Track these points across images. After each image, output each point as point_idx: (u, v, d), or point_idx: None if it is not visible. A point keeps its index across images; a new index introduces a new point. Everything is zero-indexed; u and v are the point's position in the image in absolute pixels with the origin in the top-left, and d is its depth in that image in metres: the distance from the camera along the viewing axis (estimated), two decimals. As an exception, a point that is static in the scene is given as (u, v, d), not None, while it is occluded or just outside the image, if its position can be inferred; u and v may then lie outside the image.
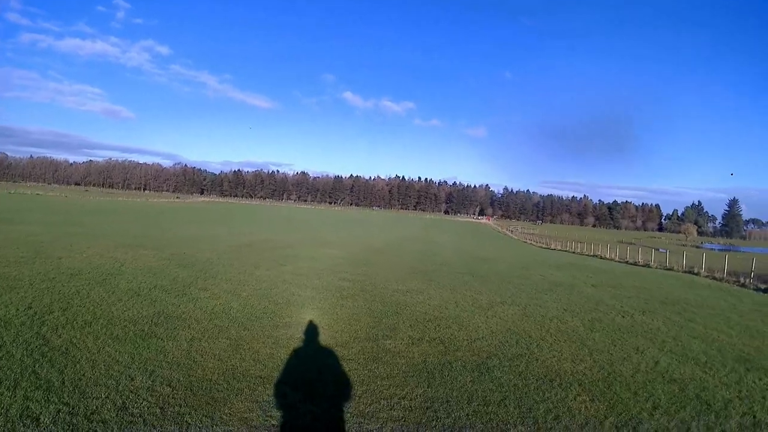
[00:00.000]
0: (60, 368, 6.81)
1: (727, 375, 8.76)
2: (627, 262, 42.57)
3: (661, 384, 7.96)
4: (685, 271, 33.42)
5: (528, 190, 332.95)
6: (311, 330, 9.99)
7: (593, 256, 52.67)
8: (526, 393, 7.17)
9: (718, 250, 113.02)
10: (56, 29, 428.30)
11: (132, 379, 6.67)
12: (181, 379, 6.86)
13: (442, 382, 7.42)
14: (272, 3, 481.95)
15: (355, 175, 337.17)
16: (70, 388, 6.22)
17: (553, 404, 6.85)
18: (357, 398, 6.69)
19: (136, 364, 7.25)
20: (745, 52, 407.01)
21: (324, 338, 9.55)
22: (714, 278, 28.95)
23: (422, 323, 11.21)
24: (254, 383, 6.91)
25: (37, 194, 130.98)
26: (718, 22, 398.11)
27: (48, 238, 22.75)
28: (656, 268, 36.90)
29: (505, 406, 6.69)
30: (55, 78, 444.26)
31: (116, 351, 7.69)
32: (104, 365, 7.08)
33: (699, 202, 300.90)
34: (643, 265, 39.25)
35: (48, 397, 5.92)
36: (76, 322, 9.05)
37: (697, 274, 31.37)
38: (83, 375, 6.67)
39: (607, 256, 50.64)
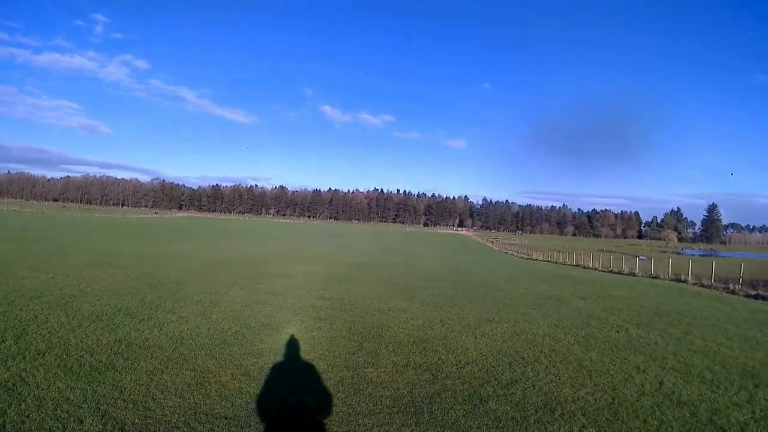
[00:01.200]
0: (2, 408, 6.08)
1: (737, 393, 8.17)
2: (611, 272, 42.16)
3: (670, 408, 7.32)
4: (672, 279, 32.97)
5: (507, 201, 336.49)
6: (285, 358, 9.27)
7: (576, 266, 52.38)
8: (526, 428, 6.45)
9: (699, 255, 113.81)
10: (34, 44, 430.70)
11: (81, 422, 5.90)
12: (137, 421, 6.08)
13: (431, 418, 6.66)
14: (251, 18, 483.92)
15: (333, 188, 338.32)
16: (10, 434, 5.45)
17: (558, 441, 6.13)
18: (336, 443, 5.92)
19: (88, 402, 6.48)
20: (722, 61, 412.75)
21: (299, 367, 8.85)
22: (702, 285, 28.54)
23: (407, 346, 10.49)
24: (219, 426, 6.12)
25: (14, 210, 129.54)
26: (695, 30, 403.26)
27: (15, 257, 22.06)
28: (642, 276, 36.47)
29: (504, 445, 5.97)
30: (32, 93, 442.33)
31: (68, 387, 6.94)
32: (52, 404, 6.33)
33: (678, 208, 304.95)
34: (628, 274, 38.91)
35: (-17, 445, 5.19)
36: (29, 352, 8.31)
37: (685, 281, 30.94)
38: (27, 416, 5.94)
39: (591, 266, 50.31)
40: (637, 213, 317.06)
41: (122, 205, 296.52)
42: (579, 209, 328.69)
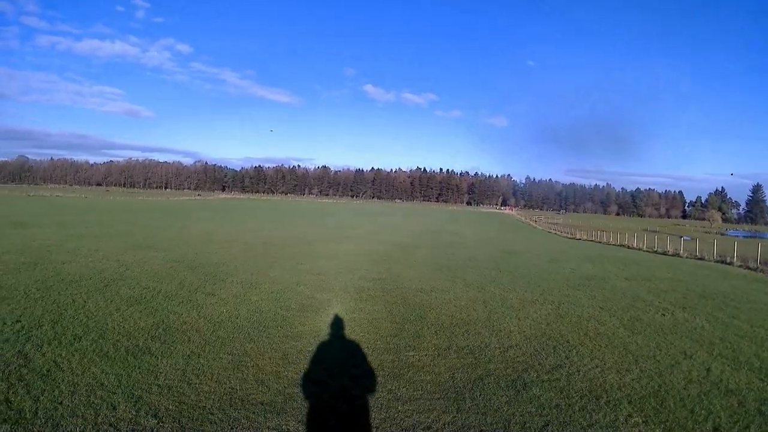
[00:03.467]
0: (36, 395, 6.05)
1: (787, 383, 7.79)
2: (656, 252, 41.35)
3: (717, 397, 7.03)
4: (717, 261, 32.29)
5: (550, 180, 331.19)
6: (324, 341, 9.15)
7: (620, 245, 51.54)
8: (570, 416, 6.22)
9: (744, 237, 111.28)
10: (74, 31, 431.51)
11: (114, 408, 5.85)
12: (171, 407, 6.00)
13: (473, 404, 6.48)
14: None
15: (376, 167, 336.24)
16: (43, 420, 5.46)
17: (603, 430, 5.90)
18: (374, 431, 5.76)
19: (123, 388, 6.44)
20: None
21: (339, 351, 8.74)
22: (748, 268, 27.80)
23: (449, 328, 10.35)
24: (254, 412, 6.02)
25: (57, 196, 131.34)
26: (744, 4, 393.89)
27: (56, 242, 22.19)
28: (686, 257, 35.73)
29: (548, 435, 5.75)
30: (74, 80, 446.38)
31: (102, 372, 6.91)
32: (86, 390, 6.30)
33: (722, 188, 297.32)
34: (672, 255, 38.15)
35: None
36: (65, 337, 8.33)
37: (730, 263, 30.26)
38: (60, 403, 5.91)
39: (635, 246, 49.36)
40: (681, 192, 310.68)
41: (165, 187, 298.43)
42: (623, 188, 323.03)
